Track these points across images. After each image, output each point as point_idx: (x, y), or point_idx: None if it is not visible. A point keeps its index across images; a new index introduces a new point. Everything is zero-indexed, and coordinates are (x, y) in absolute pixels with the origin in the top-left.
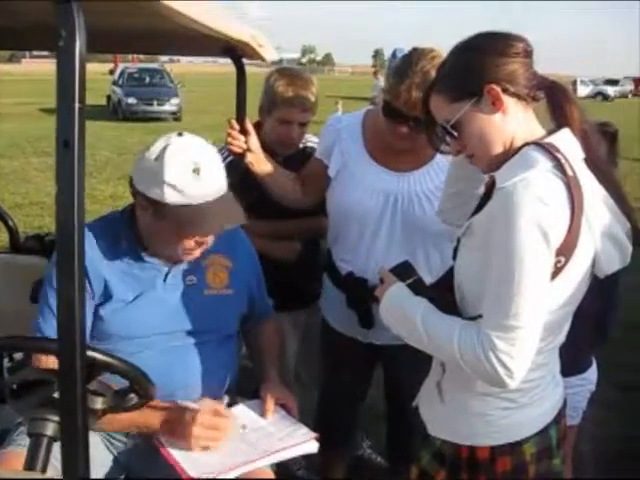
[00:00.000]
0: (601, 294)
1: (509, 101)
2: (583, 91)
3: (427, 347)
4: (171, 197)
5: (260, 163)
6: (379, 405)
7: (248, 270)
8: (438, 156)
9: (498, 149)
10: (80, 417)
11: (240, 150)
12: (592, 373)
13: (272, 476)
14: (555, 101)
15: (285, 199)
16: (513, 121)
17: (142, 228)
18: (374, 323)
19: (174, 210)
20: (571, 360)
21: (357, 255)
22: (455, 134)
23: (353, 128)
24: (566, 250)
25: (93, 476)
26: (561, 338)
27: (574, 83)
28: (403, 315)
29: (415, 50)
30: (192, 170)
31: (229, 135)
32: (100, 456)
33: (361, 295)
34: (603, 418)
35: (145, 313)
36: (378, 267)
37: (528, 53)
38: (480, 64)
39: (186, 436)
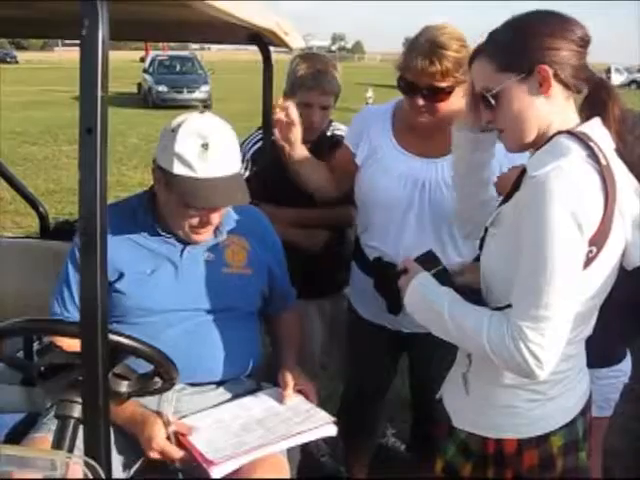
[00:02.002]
0: (636, 285)
1: (556, 86)
2: (617, 79)
3: (454, 338)
4: (178, 168)
5: (299, 152)
6: (404, 393)
7: (267, 253)
8: None
9: (532, 131)
10: (102, 399)
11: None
12: (626, 365)
13: (285, 463)
14: (598, 97)
15: (320, 189)
16: (554, 107)
17: (159, 203)
18: (402, 309)
19: (179, 181)
20: (605, 352)
21: (386, 241)
22: (492, 103)
23: (383, 117)
24: (598, 240)
25: (120, 457)
26: (589, 329)
27: (608, 71)
28: (429, 305)
29: (426, 26)
30: (201, 145)
31: (277, 121)
32: (127, 437)
33: (389, 279)
34: (635, 411)
35: (163, 287)
36: (408, 253)
37: (585, 43)
38: (537, 42)
39: (148, 440)
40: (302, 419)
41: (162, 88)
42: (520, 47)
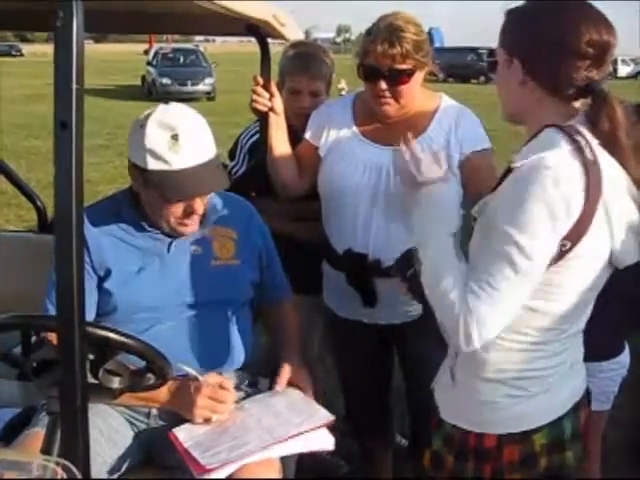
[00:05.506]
0: (635, 279)
1: (531, 83)
2: (624, 70)
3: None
4: (151, 163)
5: (279, 128)
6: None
7: (255, 239)
8: (429, 128)
9: (510, 108)
10: (79, 395)
11: (264, 108)
12: (624, 357)
13: (275, 460)
14: (595, 113)
15: (287, 187)
16: (531, 99)
17: (141, 199)
18: (377, 301)
19: (156, 176)
20: (604, 345)
21: (354, 233)
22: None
23: (343, 110)
24: (573, 235)
25: (115, 454)
26: (580, 325)
27: (614, 62)
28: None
29: (381, 15)
30: (170, 136)
31: (254, 92)
32: (123, 434)
33: (362, 271)
34: (634, 404)
35: (152, 283)
36: (378, 242)
37: (596, 56)
38: (528, 35)
39: (189, 406)
40: (302, 419)
41: (166, 81)
42: (514, 30)
